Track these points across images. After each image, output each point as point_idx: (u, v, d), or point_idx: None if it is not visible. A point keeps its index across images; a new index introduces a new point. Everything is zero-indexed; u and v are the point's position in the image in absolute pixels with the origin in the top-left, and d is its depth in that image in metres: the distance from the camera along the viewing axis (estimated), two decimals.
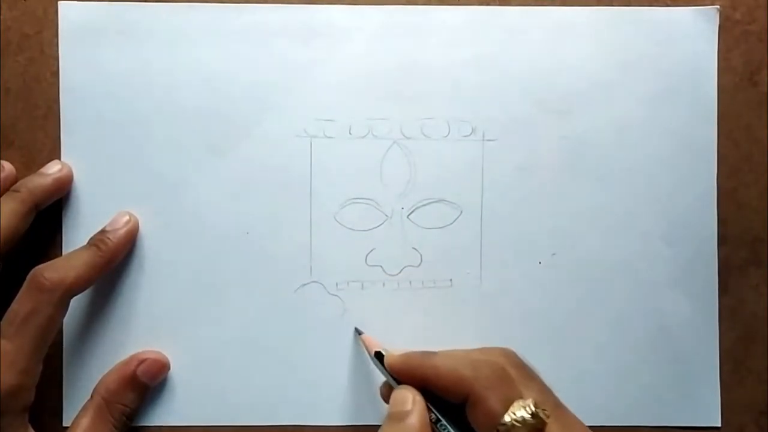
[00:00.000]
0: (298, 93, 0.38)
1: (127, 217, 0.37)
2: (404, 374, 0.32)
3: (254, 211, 0.38)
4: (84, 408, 0.35)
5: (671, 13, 0.38)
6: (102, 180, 0.38)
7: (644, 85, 0.38)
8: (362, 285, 0.38)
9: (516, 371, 0.31)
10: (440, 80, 0.38)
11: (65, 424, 0.37)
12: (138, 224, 0.37)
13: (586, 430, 0.31)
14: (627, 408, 0.38)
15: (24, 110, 0.38)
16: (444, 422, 0.30)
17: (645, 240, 0.38)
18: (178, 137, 0.38)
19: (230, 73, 0.38)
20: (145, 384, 0.37)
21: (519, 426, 0.28)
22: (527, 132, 0.38)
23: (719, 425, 0.38)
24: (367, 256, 0.38)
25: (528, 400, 0.29)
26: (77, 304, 0.37)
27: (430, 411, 0.31)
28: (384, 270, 0.38)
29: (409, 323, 0.38)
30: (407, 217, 0.38)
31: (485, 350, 0.32)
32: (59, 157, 0.38)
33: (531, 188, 0.38)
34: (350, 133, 0.38)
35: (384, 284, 0.38)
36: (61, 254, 0.37)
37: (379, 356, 0.34)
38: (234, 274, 0.38)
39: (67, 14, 0.38)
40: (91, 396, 0.36)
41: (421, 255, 0.38)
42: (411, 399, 0.31)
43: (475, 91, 0.38)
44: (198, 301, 0.38)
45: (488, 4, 0.38)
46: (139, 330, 0.38)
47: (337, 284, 0.38)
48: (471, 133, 0.38)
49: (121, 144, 0.38)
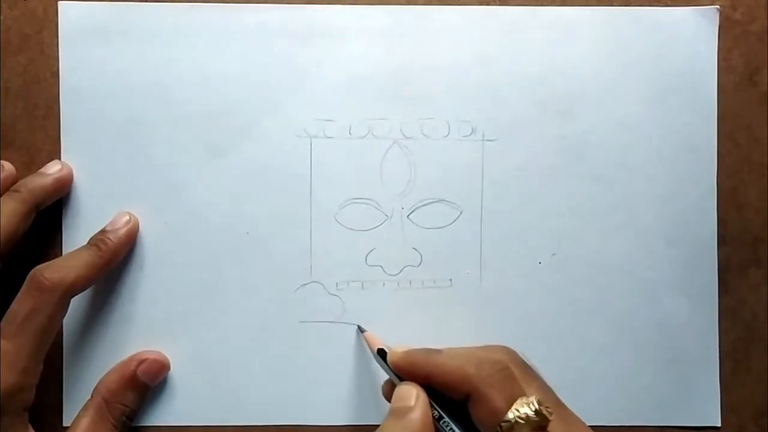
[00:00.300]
0: (298, 93, 0.38)
1: (127, 217, 0.37)
2: (407, 371, 0.32)
3: (254, 211, 0.38)
4: (84, 408, 0.36)
5: (671, 13, 0.38)
6: (102, 180, 0.38)
7: (644, 85, 0.38)
8: (362, 285, 0.38)
9: (519, 369, 0.31)
10: (440, 80, 0.38)
11: (65, 424, 0.37)
12: (138, 224, 0.37)
13: (588, 430, 0.31)
14: (627, 408, 0.38)
15: (24, 110, 0.38)
16: (447, 419, 0.31)
17: (645, 240, 0.38)
18: (178, 137, 0.38)
19: (230, 74, 0.38)
20: (145, 384, 0.37)
21: (522, 423, 0.28)
22: (527, 132, 0.38)
23: (719, 425, 0.38)
24: (367, 256, 0.38)
25: (531, 398, 0.29)
26: (77, 304, 0.37)
27: (433, 407, 0.31)
28: (384, 270, 0.38)
29: (409, 323, 0.38)
30: (407, 217, 0.38)
31: (488, 348, 0.32)
32: (59, 157, 0.38)
33: (531, 188, 0.38)
34: (350, 133, 0.38)
35: (384, 284, 0.38)
36: (61, 254, 0.37)
37: (382, 353, 0.34)
38: (234, 274, 0.38)
39: (67, 14, 0.38)
40: (91, 396, 0.36)
41: (421, 255, 0.38)
42: (414, 395, 0.31)
43: (475, 91, 0.38)
44: (198, 301, 0.38)
45: (488, 4, 0.38)
46: (139, 330, 0.38)
47: (337, 284, 0.38)
48: (471, 133, 0.38)
49: (121, 144, 0.38)
